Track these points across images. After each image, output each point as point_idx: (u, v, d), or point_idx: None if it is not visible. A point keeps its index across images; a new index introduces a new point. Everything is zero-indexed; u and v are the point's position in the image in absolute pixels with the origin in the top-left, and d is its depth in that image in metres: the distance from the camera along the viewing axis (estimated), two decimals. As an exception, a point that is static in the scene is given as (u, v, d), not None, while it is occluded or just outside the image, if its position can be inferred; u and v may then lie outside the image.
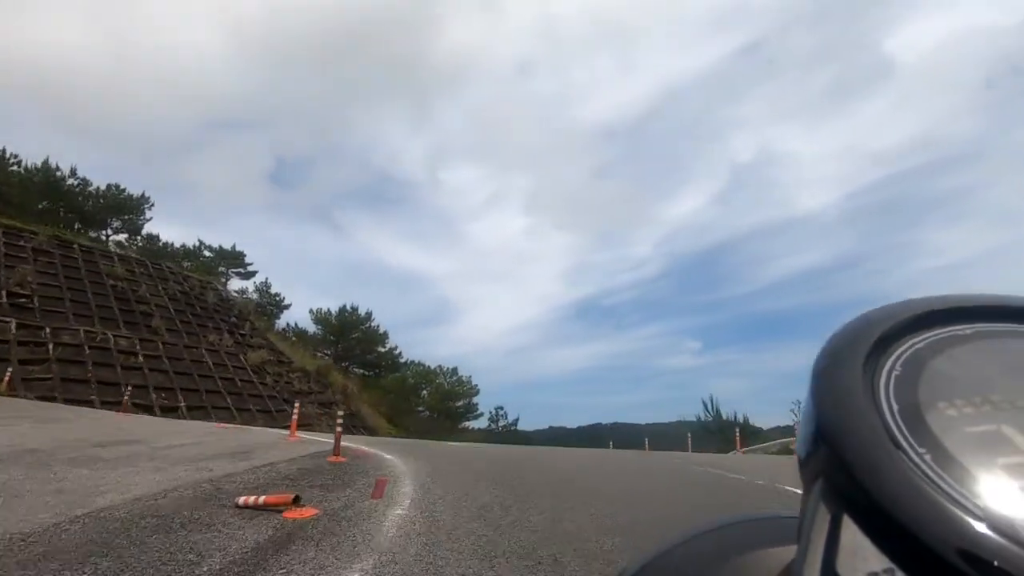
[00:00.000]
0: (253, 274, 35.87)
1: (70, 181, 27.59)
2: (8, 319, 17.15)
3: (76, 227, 27.45)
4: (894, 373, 0.22)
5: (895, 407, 0.21)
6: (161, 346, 20.52)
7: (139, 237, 30.83)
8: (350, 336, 35.33)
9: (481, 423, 39.30)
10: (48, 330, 17.70)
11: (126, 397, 15.78)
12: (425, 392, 36.80)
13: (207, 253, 34.20)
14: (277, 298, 36.12)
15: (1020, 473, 0.18)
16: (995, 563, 0.16)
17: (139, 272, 25.16)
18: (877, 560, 0.18)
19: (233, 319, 27.18)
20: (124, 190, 29.22)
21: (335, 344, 35.11)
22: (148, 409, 17.44)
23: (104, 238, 28.64)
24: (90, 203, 28.26)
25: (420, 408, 35.97)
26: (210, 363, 21.50)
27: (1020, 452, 0.19)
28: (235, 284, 34.26)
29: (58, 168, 27.70)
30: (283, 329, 33.55)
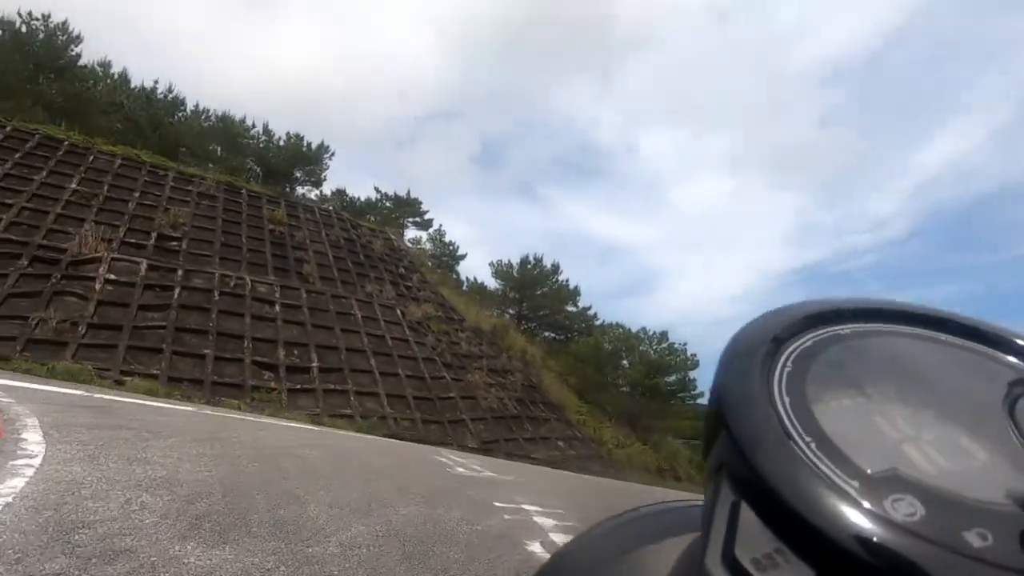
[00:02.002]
0: (429, 223, 33.04)
1: (254, 131, 26.96)
2: (139, 260, 15.03)
3: (260, 179, 26.54)
4: (786, 370, 0.25)
5: (787, 400, 0.23)
6: (304, 295, 17.25)
7: (319, 191, 29.44)
8: (534, 292, 30.14)
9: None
10: (180, 273, 15.26)
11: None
12: (626, 362, 30.09)
13: (387, 204, 32.22)
14: (451, 247, 32.74)
15: (890, 458, 0.20)
16: (866, 537, 0.18)
17: (304, 218, 22.91)
18: (769, 541, 0.20)
19: (401, 270, 23.70)
20: (302, 137, 27.82)
21: (518, 302, 30.38)
22: (273, 368, 13.92)
23: (288, 190, 27.35)
24: (271, 154, 27.30)
25: (619, 383, 29.34)
26: (358, 316, 17.73)
27: (890, 439, 0.21)
28: (411, 234, 31.72)
29: (244, 121, 27.23)
30: (459, 283, 29.83)
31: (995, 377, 0.25)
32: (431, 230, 33.48)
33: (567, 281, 32.39)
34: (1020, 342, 0.27)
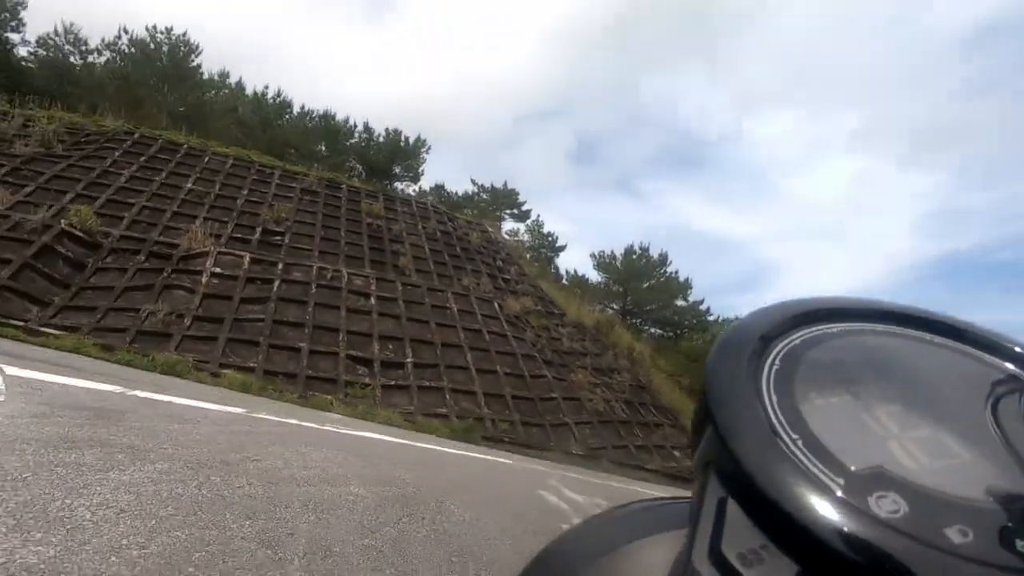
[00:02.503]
0: (527, 214, 31.85)
1: (356, 130, 27.36)
2: (243, 254, 15.15)
3: (361, 176, 26.84)
4: (774, 368, 0.25)
5: (774, 398, 0.23)
6: (400, 287, 16.65)
7: (417, 187, 29.32)
8: (640, 285, 27.90)
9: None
10: (280, 266, 15.20)
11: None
12: (743, 362, 26.82)
13: (483, 196, 31.51)
14: (550, 238, 31.29)
15: (875, 456, 0.21)
16: (849, 533, 0.18)
17: (401, 211, 22.62)
18: (756, 537, 0.20)
19: (499, 262, 22.69)
20: (400, 132, 27.81)
21: (622, 296, 28.33)
22: (367, 363, 13.32)
23: (387, 186, 27.45)
24: (372, 151, 27.53)
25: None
26: (454, 310, 16.85)
27: (875, 437, 0.22)
28: (508, 226, 30.73)
29: (347, 121, 27.73)
30: (559, 277, 28.34)
31: (978, 377, 0.25)
32: (528, 221, 32.40)
33: (676, 273, 29.78)
34: (1003, 344, 0.27)
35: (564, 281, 27.82)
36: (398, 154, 28.46)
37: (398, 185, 29.07)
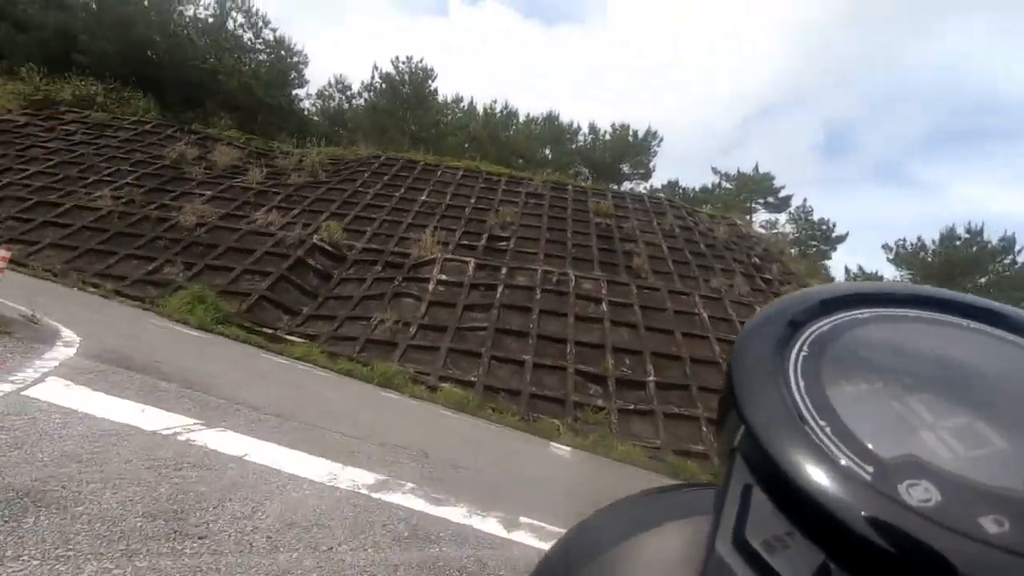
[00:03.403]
0: (786, 201, 25.94)
1: (581, 130, 25.91)
2: (468, 259, 14.36)
3: (587, 178, 25.22)
4: (802, 354, 0.25)
5: (802, 385, 0.23)
6: (635, 291, 14.03)
7: (647, 185, 26.43)
8: (973, 279, 20.00)
9: None
10: (504, 271, 13.98)
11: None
12: None
13: (725, 185, 26.92)
14: (823, 228, 24.80)
15: (906, 444, 0.21)
16: (879, 520, 0.18)
17: (632, 208, 20.06)
18: (781, 524, 0.20)
19: (754, 259, 18.43)
20: (628, 126, 25.39)
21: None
22: (600, 380, 10.98)
23: (616, 187, 25.34)
24: (597, 151, 25.71)
25: None
26: (704, 316, 13.50)
27: (905, 423, 0.21)
28: (762, 216, 25.47)
29: (571, 124, 26.49)
30: (833, 275, 22.18)
31: (1019, 365, 0.24)
32: (789, 210, 26.49)
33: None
34: None
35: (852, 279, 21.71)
36: (626, 151, 26.09)
37: (627, 185, 26.66)
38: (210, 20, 24.19)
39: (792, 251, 21.64)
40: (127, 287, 11.60)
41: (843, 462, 0.20)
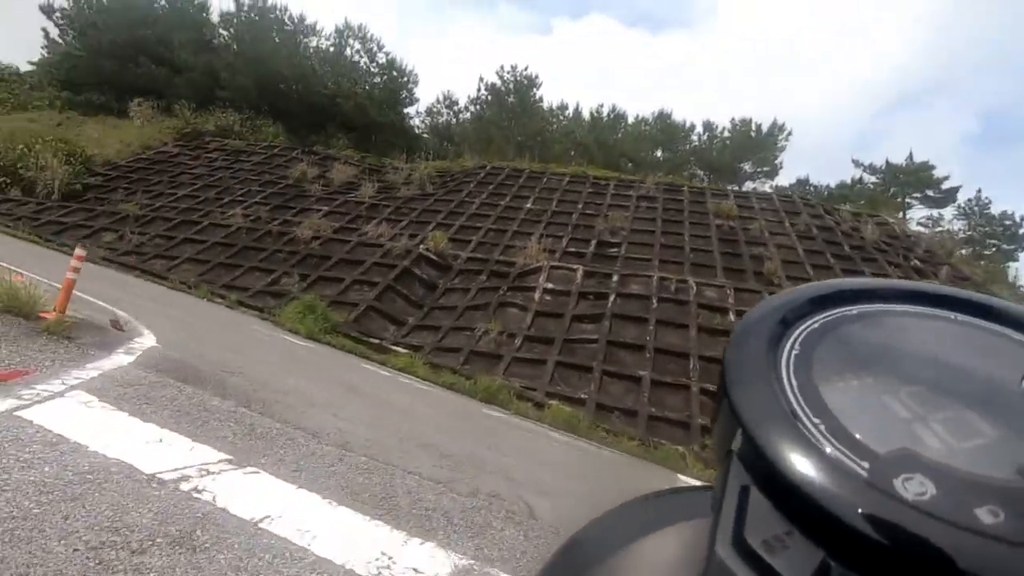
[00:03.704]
0: (951, 194, 21.80)
1: (695, 129, 24.06)
2: (576, 267, 13.47)
3: (703, 180, 23.34)
4: (793, 352, 0.25)
5: (794, 383, 0.23)
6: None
7: (773, 184, 23.87)
8: None
9: None
10: (616, 278, 12.91)
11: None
12: None
13: (869, 180, 23.39)
14: (1005, 224, 20.41)
15: (900, 438, 0.21)
16: (876, 516, 0.18)
17: (759, 208, 18.01)
18: (779, 524, 0.20)
19: (914, 261, 15.64)
20: (750, 120, 23.14)
21: None
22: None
23: (736, 187, 23.23)
24: (714, 150, 23.72)
25: None
26: (858, 329, 11.40)
27: (899, 419, 0.22)
28: (918, 213, 21.72)
29: (684, 123, 24.75)
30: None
31: (1009, 355, 0.25)
32: (957, 204, 22.27)
33: None
34: None
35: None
36: (748, 148, 23.79)
37: (748, 185, 24.28)
38: (330, 49, 25.82)
39: (962, 252, 18.18)
40: (249, 298, 12.13)
41: (839, 459, 0.20)
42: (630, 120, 25.36)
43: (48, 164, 16.49)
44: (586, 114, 27.13)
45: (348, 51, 25.81)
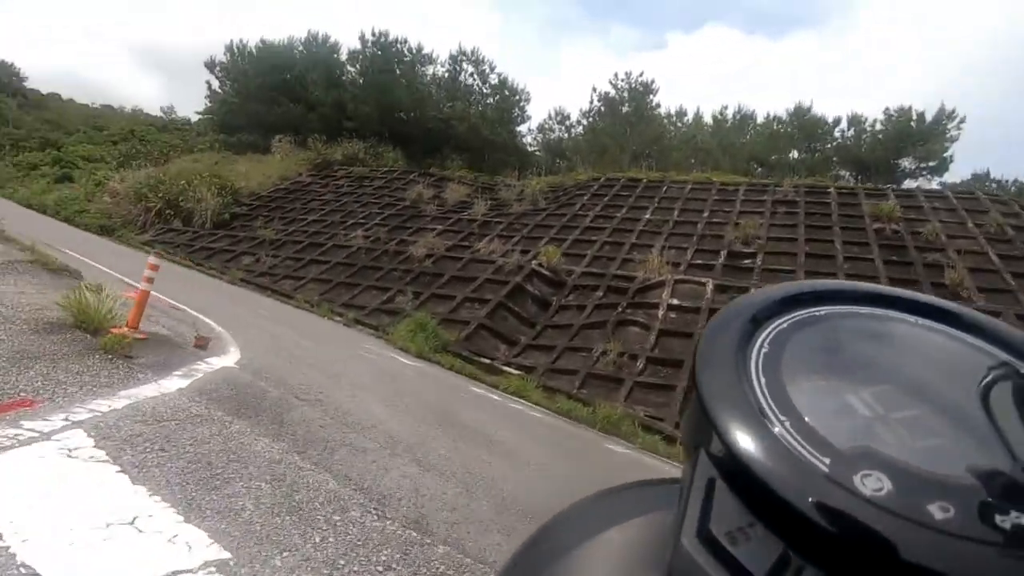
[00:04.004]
0: None
1: (839, 124, 21.20)
2: (704, 280, 12.03)
3: (852, 179, 20.47)
4: (763, 351, 0.26)
5: (763, 381, 0.24)
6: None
7: (940, 180, 20.27)
8: None
9: None
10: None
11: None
12: None
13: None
14: None
15: (861, 436, 0.22)
16: (834, 510, 0.19)
17: (929, 208, 15.17)
18: (743, 516, 0.21)
19: None
20: (909, 108, 19.85)
21: None
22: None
23: (894, 186, 20.11)
24: (863, 145, 20.70)
25: None
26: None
27: (861, 417, 0.22)
28: None
29: (823, 117, 21.97)
30: None
31: (967, 361, 0.26)
32: None
33: None
34: (993, 327, 0.27)
35: None
36: (907, 140, 20.45)
37: (908, 182, 20.85)
38: (446, 75, 26.64)
39: None
40: (365, 316, 12.26)
41: (802, 455, 0.21)
42: (759, 120, 23.10)
43: (203, 197, 18.43)
44: (708, 118, 25.25)
45: (462, 75, 26.44)
